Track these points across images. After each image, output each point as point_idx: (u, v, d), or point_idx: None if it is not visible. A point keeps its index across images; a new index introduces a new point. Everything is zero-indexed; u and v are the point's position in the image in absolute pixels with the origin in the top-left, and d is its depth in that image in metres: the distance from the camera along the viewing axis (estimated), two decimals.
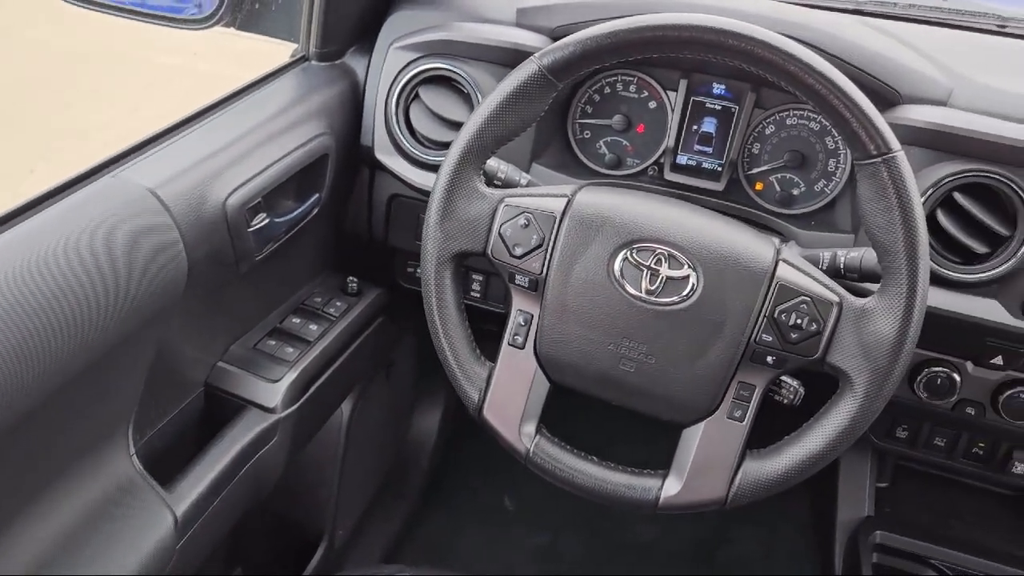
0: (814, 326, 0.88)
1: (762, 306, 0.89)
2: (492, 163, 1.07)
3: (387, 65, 1.23)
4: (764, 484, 0.91)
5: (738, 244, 0.91)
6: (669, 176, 1.25)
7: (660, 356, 0.91)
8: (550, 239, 0.94)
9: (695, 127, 1.25)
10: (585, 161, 1.30)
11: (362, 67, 1.27)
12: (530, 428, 0.98)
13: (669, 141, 1.24)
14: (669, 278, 0.90)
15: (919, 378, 1.15)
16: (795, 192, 1.23)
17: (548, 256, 0.94)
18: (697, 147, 1.25)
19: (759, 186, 1.24)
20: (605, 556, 1.78)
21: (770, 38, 0.86)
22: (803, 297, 0.88)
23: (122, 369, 0.93)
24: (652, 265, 0.91)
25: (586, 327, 0.93)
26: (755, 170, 1.24)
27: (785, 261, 0.91)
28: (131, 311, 0.87)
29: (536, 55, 0.92)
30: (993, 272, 1.02)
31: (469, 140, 0.95)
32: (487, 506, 1.87)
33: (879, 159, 0.84)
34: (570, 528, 1.82)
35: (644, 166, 1.28)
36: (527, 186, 1.07)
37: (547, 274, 0.94)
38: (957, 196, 1.02)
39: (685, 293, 0.90)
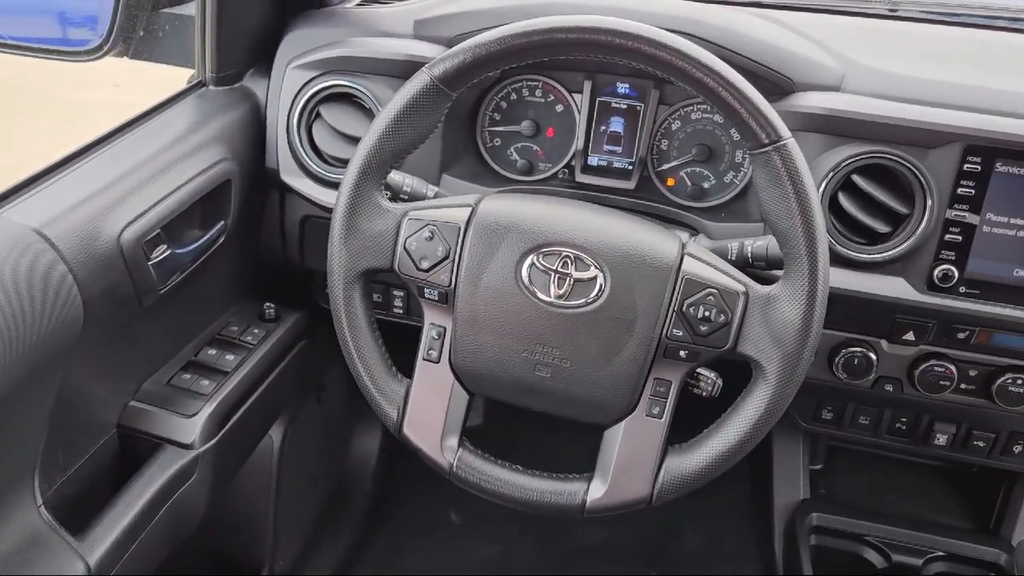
0: (722, 317, 0.88)
1: (670, 301, 0.89)
2: (397, 177, 1.05)
3: (286, 85, 1.21)
4: (687, 479, 0.91)
5: (643, 241, 0.91)
6: (581, 178, 1.25)
7: (574, 359, 0.91)
8: (456, 250, 0.93)
9: (603, 127, 1.25)
10: (497, 169, 1.29)
11: (262, 89, 1.24)
12: (452, 442, 0.97)
13: (578, 143, 1.24)
14: (577, 280, 0.90)
15: (837, 359, 1.17)
16: (706, 185, 1.24)
17: (455, 267, 0.93)
18: (607, 147, 1.26)
19: (670, 182, 1.25)
20: (556, 562, 1.78)
21: (658, 35, 0.86)
22: (710, 289, 0.89)
23: (21, 416, 0.89)
24: (559, 269, 0.90)
25: (499, 336, 0.92)
26: (665, 166, 1.25)
27: (690, 255, 0.91)
28: (24, 355, 0.84)
29: (427, 66, 0.91)
30: (896, 250, 1.04)
31: (366, 156, 0.93)
32: (434, 522, 1.85)
33: (771, 147, 0.85)
34: (519, 537, 1.81)
35: (556, 170, 1.28)
36: (434, 198, 1.06)
37: (456, 285, 0.93)
38: (856, 178, 1.04)
39: (594, 294, 0.90)
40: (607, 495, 0.93)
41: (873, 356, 1.16)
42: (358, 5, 1.34)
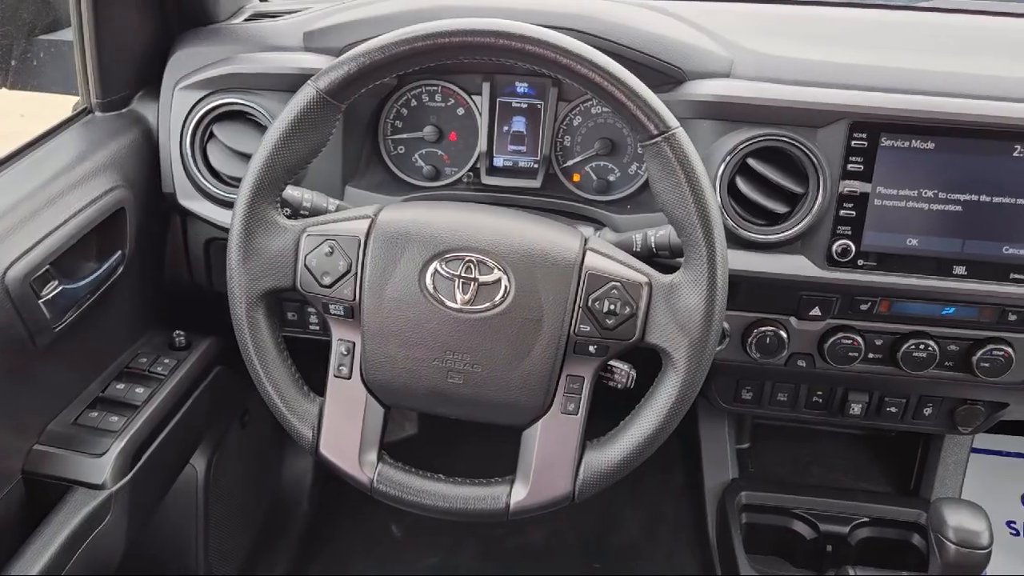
0: (627, 309, 0.89)
1: (575, 298, 0.89)
2: (295, 193, 1.03)
3: (175, 107, 1.18)
4: (607, 473, 0.92)
5: (544, 240, 0.91)
6: (487, 180, 1.25)
7: (485, 363, 0.91)
8: (357, 263, 0.92)
9: (505, 128, 1.25)
10: (403, 177, 1.28)
11: (152, 112, 1.21)
12: (371, 457, 0.96)
13: (482, 145, 1.24)
14: (482, 284, 0.90)
15: (750, 340, 1.19)
16: (611, 178, 1.25)
17: (358, 281, 0.92)
18: (511, 147, 1.26)
19: (576, 177, 1.26)
20: (500, 564, 1.77)
21: (541, 34, 0.86)
22: (613, 283, 0.89)
23: None
24: (463, 274, 0.90)
25: (408, 346, 0.91)
26: (570, 162, 1.25)
27: (592, 250, 0.92)
28: None
29: (311, 79, 0.90)
30: (795, 229, 1.06)
31: (258, 175, 0.91)
32: (375, 537, 1.83)
33: (660, 138, 0.86)
34: (461, 543, 1.80)
35: (462, 173, 1.27)
36: (337, 212, 1.05)
37: (360, 299, 0.92)
38: (751, 162, 1.06)
39: (499, 297, 0.90)
40: (530, 496, 0.93)
41: (784, 334, 1.18)
42: (246, 20, 1.31)
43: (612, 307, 0.89)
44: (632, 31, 1.09)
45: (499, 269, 0.90)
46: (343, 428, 0.95)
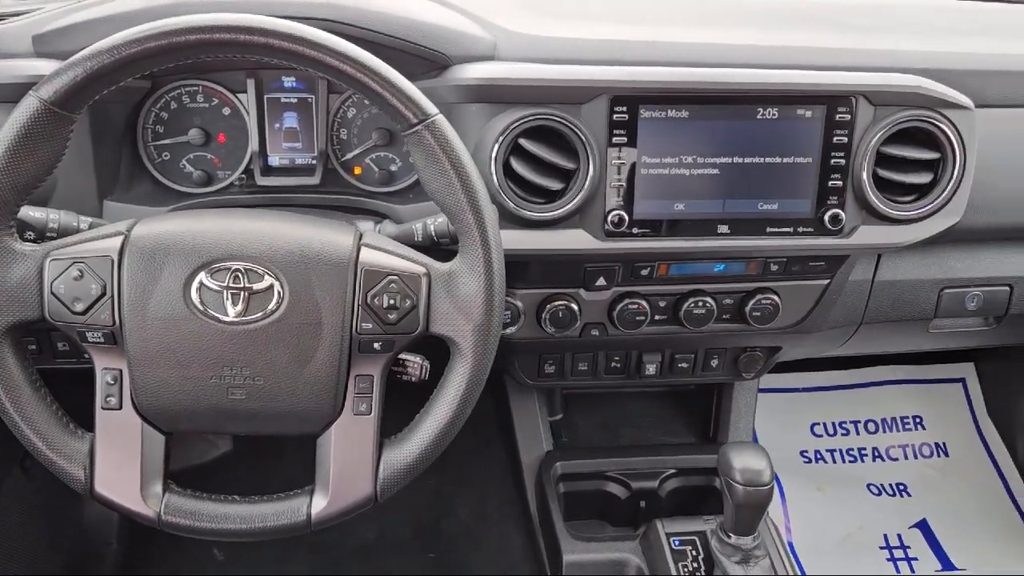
0: (408, 302, 0.88)
1: (353, 296, 0.87)
2: (37, 214, 0.94)
3: None
4: (407, 469, 0.91)
5: (315, 240, 0.88)
6: (262, 181, 1.20)
7: (267, 374, 0.87)
8: (113, 285, 0.85)
9: (277, 125, 1.21)
10: (171, 185, 1.20)
11: None
12: (156, 488, 0.90)
13: (253, 145, 1.19)
14: (253, 293, 0.86)
15: (544, 315, 1.21)
16: (393, 168, 1.23)
17: (116, 304, 0.85)
18: (285, 145, 1.21)
19: (357, 171, 1.23)
20: (333, 567, 1.73)
21: (285, 27, 0.82)
22: (390, 276, 0.88)
23: None
24: (231, 285, 0.85)
25: (181, 367, 0.86)
26: (349, 155, 1.23)
27: (367, 245, 0.90)
28: None
29: (33, 88, 0.81)
30: (571, 204, 1.08)
31: None
32: (199, 563, 1.73)
33: (420, 126, 0.85)
34: (290, 553, 1.74)
35: (235, 176, 1.21)
36: (89, 231, 0.96)
37: (121, 323, 0.85)
38: (523, 142, 1.07)
39: (273, 304, 0.86)
40: (331, 503, 0.90)
41: (575, 306, 1.22)
42: None
43: (392, 301, 0.88)
44: (389, 18, 1.07)
45: (270, 275, 0.86)
46: (119, 462, 0.88)
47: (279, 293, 0.86)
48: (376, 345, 0.89)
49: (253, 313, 0.86)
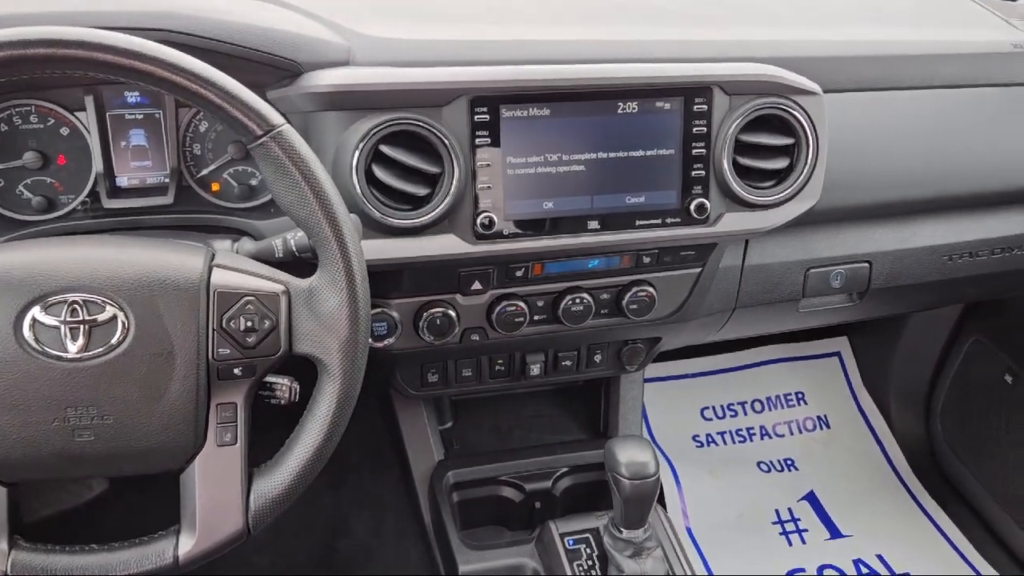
0: (267, 322, 0.84)
1: (207, 320, 0.82)
2: None
3: None
4: (279, 497, 0.86)
5: (161, 265, 0.83)
6: (109, 204, 1.13)
7: (116, 412, 0.81)
8: None
9: (123, 143, 1.14)
10: (8, 213, 1.12)
11: None
12: (0, 546, 0.82)
13: (97, 166, 1.11)
14: (95, 326, 0.80)
15: (421, 324, 1.18)
16: (253, 183, 1.18)
17: None
18: (134, 164, 1.14)
19: (215, 187, 1.18)
20: None
21: (107, 39, 0.77)
22: (246, 297, 0.83)
23: None
24: (69, 318, 0.79)
25: (16, 412, 0.79)
26: (204, 171, 1.17)
27: (220, 266, 0.85)
28: None
29: None
30: (439, 210, 1.05)
31: None
32: None
33: (266, 137, 0.81)
34: None
35: (78, 201, 1.13)
36: None
37: None
38: (384, 148, 1.04)
39: (117, 337, 0.80)
40: (199, 541, 0.85)
41: (453, 312, 1.19)
42: None
43: (250, 323, 0.83)
44: (233, 26, 1.02)
45: (112, 305, 0.80)
46: None
47: (124, 324, 0.80)
48: (236, 371, 0.84)
49: (96, 347, 0.80)
